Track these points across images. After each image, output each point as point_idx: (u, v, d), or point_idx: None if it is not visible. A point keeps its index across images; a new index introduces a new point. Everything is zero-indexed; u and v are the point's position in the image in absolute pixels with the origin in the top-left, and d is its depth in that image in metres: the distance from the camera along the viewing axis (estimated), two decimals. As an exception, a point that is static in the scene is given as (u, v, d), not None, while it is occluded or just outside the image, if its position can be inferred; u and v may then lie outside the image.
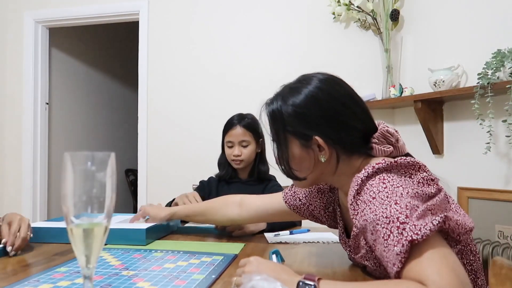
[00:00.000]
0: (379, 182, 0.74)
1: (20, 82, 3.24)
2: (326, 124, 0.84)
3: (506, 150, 1.98)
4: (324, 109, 0.84)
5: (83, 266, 0.54)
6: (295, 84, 0.90)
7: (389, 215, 0.68)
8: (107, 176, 0.53)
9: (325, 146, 0.83)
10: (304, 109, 0.85)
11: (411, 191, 0.71)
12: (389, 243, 0.66)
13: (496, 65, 1.84)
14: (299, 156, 0.86)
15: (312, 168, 0.86)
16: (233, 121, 1.72)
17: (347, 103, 0.86)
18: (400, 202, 0.69)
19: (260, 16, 2.88)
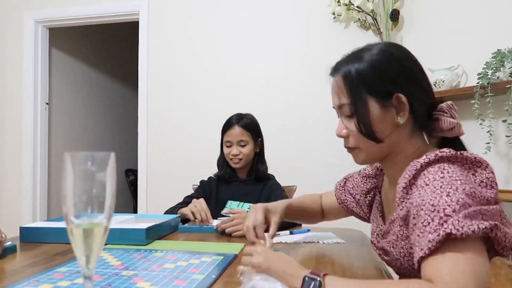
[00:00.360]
0: (437, 170, 0.70)
1: (20, 82, 3.24)
2: (407, 82, 0.81)
3: (506, 150, 1.98)
4: (403, 66, 0.82)
5: (83, 266, 0.54)
6: (364, 47, 0.86)
7: (436, 204, 0.66)
8: (107, 176, 0.53)
9: (406, 104, 0.80)
10: (384, 65, 0.81)
11: (468, 188, 0.67)
12: (426, 230, 0.65)
13: (496, 65, 1.84)
14: (378, 117, 0.81)
15: (390, 131, 0.82)
16: (231, 120, 1.73)
17: (421, 66, 0.85)
18: (452, 195, 0.66)
19: (260, 16, 2.88)
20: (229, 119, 1.75)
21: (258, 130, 1.78)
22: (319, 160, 2.72)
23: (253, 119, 1.78)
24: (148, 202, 3.02)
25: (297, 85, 2.80)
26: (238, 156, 1.69)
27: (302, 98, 2.78)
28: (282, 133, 2.80)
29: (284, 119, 2.80)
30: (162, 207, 2.88)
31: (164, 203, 2.92)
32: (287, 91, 2.81)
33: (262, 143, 1.79)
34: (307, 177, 2.67)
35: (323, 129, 2.72)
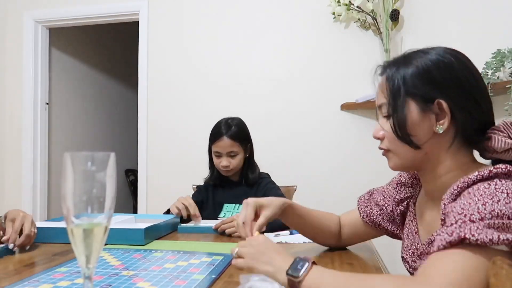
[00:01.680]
0: (488, 185, 0.66)
1: (20, 82, 3.24)
2: (454, 90, 0.75)
3: (506, 150, 1.98)
4: (454, 73, 0.76)
5: (83, 266, 0.54)
6: (422, 49, 0.82)
7: (467, 208, 0.63)
8: (107, 176, 0.53)
9: (448, 112, 0.75)
10: (431, 68, 0.77)
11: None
12: (447, 230, 0.63)
13: (496, 65, 1.85)
14: (415, 120, 0.77)
15: (426, 138, 0.77)
16: (220, 130, 1.67)
17: (479, 79, 0.78)
18: (489, 205, 0.62)
19: (260, 16, 2.88)
20: (218, 129, 1.69)
21: (246, 136, 1.74)
22: (320, 161, 2.72)
23: (241, 125, 1.73)
24: (148, 202, 3.02)
25: (297, 85, 2.79)
26: (228, 168, 1.66)
27: (302, 98, 2.78)
28: (282, 133, 2.80)
29: (284, 119, 2.80)
30: (162, 207, 2.88)
31: (164, 203, 2.91)
32: (287, 91, 2.81)
33: (251, 149, 1.76)
34: (307, 177, 2.67)
35: (324, 129, 2.72)
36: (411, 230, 0.90)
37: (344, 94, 2.64)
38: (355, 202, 1.09)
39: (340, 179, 2.65)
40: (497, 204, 0.62)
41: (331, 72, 2.72)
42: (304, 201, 2.05)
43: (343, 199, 1.87)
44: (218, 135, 1.67)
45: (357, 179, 2.60)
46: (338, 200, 2.08)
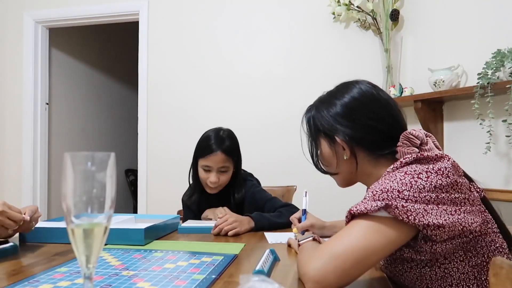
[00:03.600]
0: (397, 172, 0.78)
1: (20, 82, 3.24)
2: (343, 124, 0.91)
3: (506, 150, 1.98)
4: (343, 106, 0.92)
5: (83, 266, 0.54)
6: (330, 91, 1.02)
7: (370, 189, 0.78)
8: (107, 176, 0.53)
9: (344, 145, 0.91)
10: (323, 110, 0.96)
11: (408, 179, 0.75)
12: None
13: (496, 65, 1.84)
14: (327, 154, 0.96)
15: (339, 165, 0.94)
16: (212, 145, 1.54)
17: (366, 101, 0.92)
18: (384, 184, 0.76)
19: (260, 16, 2.88)
20: (209, 142, 1.55)
21: (238, 150, 1.62)
22: (319, 160, 2.71)
23: (233, 138, 1.61)
24: (148, 202, 3.02)
25: (297, 85, 2.80)
26: (215, 184, 1.55)
27: (302, 98, 2.77)
28: (282, 133, 2.80)
29: (284, 119, 2.80)
30: (162, 207, 2.89)
31: (164, 203, 2.93)
32: (287, 91, 2.81)
33: (240, 163, 1.64)
34: (307, 177, 2.67)
35: (323, 129, 2.72)
36: None
37: (344, 94, 2.64)
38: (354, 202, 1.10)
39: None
40: (392, 182, 0.75)
41: (331, 72, 2.72)
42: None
43: (343, 199, 1.86)
44: (210, 149, 1.53)
45: (357, 179, 2.60)
46: (338, 200, 2.08)
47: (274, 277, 0.86)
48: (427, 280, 0.81)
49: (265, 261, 0.88)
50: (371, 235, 0.73)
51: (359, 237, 0.73)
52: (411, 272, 0.82)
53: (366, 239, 0.72)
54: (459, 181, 0.78)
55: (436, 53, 2.36)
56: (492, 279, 0.53)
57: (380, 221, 0.73)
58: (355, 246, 0.72)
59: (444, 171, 0.76)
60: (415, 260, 0.80)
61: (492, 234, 0.81)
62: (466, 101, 2.06)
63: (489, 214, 0.83)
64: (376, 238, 0.72)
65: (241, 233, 1.36)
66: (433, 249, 0.76)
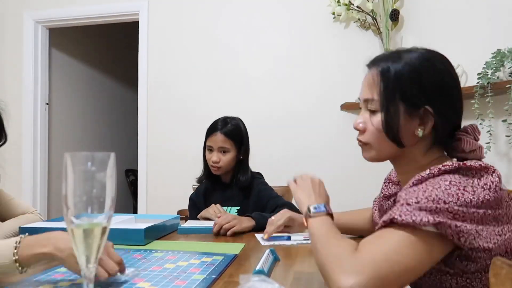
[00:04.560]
0: (439, 180, 0.72)
1: (20, 82, 3.24)
2: (440, 97, 0.80)
3: (506, 150, 1.98)
4: (441, 80, 0.80)
5: (83, 266, 0.54)
6: (407, 48, 0.85)
7: (409, 195, 0.70)
8: (107, 176, 0.53)
9: (431, 119, 0.79)
10: (422, 74, 0.80)
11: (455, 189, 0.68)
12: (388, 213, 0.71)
13: (496, 65, 1.85)
14: (402, 123, 0.81)
15: (407, 139, 0.82)
16: (216, 125, 1.70)
17: (458, 84, 0.83)
18: (428, 192, 0.68)
19: (260, 16, 2.88)
20: (214, 124, 1.72)
21: (241, 137, 1.72)
22: (320, 161, 2.72)
23: (238, 125, 1.72)
24: (148, 202, 3.02)
25: (297, 85, 2.79)
26: (217, 164, 1.66)
27: (302, 98, 2.78)
28: (282, 133, 2.80)
29: (284, 119, 2.80)
30: (162, 207, 2.89)
31: (164, 203, 2.93)
32: (287, 91, 2.81)
33: (246, 151, 1.74)
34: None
35: (324, 129, 2.72)
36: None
37: (344, 94, 2.64)
38: (355, 201, 1.11)
39: (340, 178, 2.64)
40: (436, 190, 0.68)
41: (331, 72, 2.72)
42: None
43: (343, 199, 1.86)
44: (213, 130, 1.69)
45: (356, 178, 2.60)
46: (338, 200, 2.08)
47: (274, 277, 0.86)
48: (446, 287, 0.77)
49: (265, 261, 0.88)
50: (415, 248, 0.66)
51: (403, 249, 0.65)
52: (431, 277, 0.78)
53: (415, 260, 0.65)
54: (502, 195, 0.72)
55: (436, 53, 2.36)
56: (492, 279, 0.53)
57: (427, 237, 0.66)
58: (403, 268, 0.64)
59: (492, 186, 0.70)
60: (440, 270, 0.75)
61: None
62: (466, 101, 2.06)
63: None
64: (421, 253, 0.66)
65: (241, 231, 1.35)
66: (467, 268, 0.71)
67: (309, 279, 0.85)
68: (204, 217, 1.61)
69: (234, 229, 1.34)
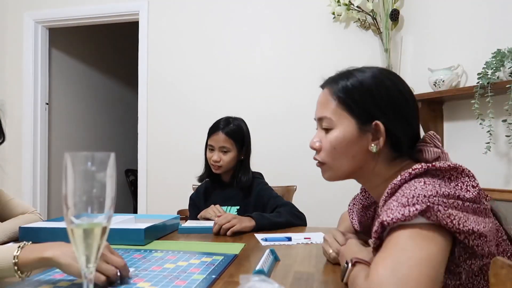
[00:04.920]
0: (413, 183, 0.71)
1: (20, 82, 3.24)
2: (389, 111, 0.80)
3: (506, 150, 1.98)
4: (390, 95, 0.82)
5: (83, 266, 0.54)
6: (358, 68, 0.87)
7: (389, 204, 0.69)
8: (107, 176, 0.53)
9: (383, 133, 0.79)
10: (372, 89, 0.81)
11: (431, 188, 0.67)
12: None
13: (496, 65, 1.84)
14: (352, 138, 0.81)
15: (361, 155, 0.82)
16: (218, 125, 1.71)
17: (410, 99, 0.84)
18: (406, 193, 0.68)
19: (260, 16, 2.88)
20: (216, 123, 1.73)
21: (243, 138, 1.73)
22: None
23: (240, 126, 1.74)
24: (148, 202, 3.02)
25: (297, 85, 2.80)
26: (218, 163, 1.67)
27: (302, 98, 2.78)
28: (282, 133, 2.80)
29: (284, 119, 2.80)
30: (162, 207, 2.89)
31: (164, 203, 2.93)
32: (287, 90, 2.81)
33: (247, 151, 1.75)
34: (307, 177, 2.67)
35: (323, 129, 2.72)
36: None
37: (344, 94, 2.64)
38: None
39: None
40: (413, 191, 0.67)
41: (331, 72, 2.71)
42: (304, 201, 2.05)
43: (342, 199, 1.86)
44: (214, 129, 1.71)
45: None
46: (338, 200, 2.08)
47: (274, 277, 0.86)
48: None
49: (265, 261, 0.88)
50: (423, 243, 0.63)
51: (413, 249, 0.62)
52: None
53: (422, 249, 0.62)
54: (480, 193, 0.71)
55: (436, 53, 2.36)
56: (492, 279, 0.53)
57: (421, 228, 0.64)
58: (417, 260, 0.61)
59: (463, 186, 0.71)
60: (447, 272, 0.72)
61: (503, 243, 0.77)
62: (466, 101, 2.06)
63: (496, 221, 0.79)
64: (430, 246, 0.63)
65: (241, 230, 1.35)
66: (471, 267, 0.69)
67: (309, 279, 0.85)
68: (204, 217, 1.61)
69: (234, 228, 1.33)
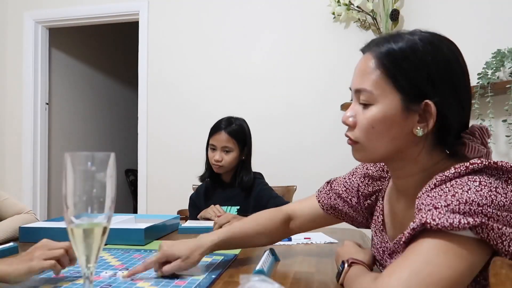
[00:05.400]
0: (467, 181, 0.61)
1: (20, 82, 3.24)
2: (446, 90, 0.67)
3: (506, 150, 1.98)
4: (451, 72, 0.68)
5: (83, 266, 0.54)
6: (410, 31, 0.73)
7: (436, 198, 0.61)
8: (107, 176, 0.53)
9: (434, 116, 0.67)
10: (428, 58, 0.68)
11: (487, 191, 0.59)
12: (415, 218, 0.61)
13: (496, 65, 1.85)
14: (397, 118, 0.69)
15: (403, 137, 0.70)
16: (220, 125, 1.72)
17: (467, 77, 0.71)
18: (458, 194, 0.59)
19: (260, 16, 2.88)
20: (218, 123, 1.74)
21: (245, 138, 1.74)
22: (320, 161, 2.72)
23: (242, 126, 1.75)
24: (148, 202, 3.02)
25: (297, 85, 2.80)
26: (219, 163, 1.68)
27: (302, 98, 2.78)
28: (282, 133, 2.80)
29: (284, 119, 2.80)
30: (162, 207, 2.89)
31: (164, 203, 2.93)
32: (287, 91, 2.81)
33: (249, 151, 1.76)
34: (307, 177, 2.67)
35: (324, 129, 2.72)
36: (378, 227, 0.85)
37: (344, 94, 2.64)
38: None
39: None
40: (467, 192, 0.59)
41: (331, 72, 2.72)
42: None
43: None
44: (216, 129, 1.71)
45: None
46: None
47: (274, 277, 0.86)
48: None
49: (265, 261, 0.88)
50: (456, 263, 0.56)
51: (440, 265, 0.56)
52: None
53: (451, 269, 0.56)
54: None
55: (436, 53, 2.36)
56: (492, 279, 0.52)
57: (463, 243, 0.57)
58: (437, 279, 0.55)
59: None
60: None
61: None
62: (466, 101, 2.06)
63: None
64: (461, 266, 0.57)
65: None
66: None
67: (309, 279, 0.85)
68: (204, 217, 1.61)
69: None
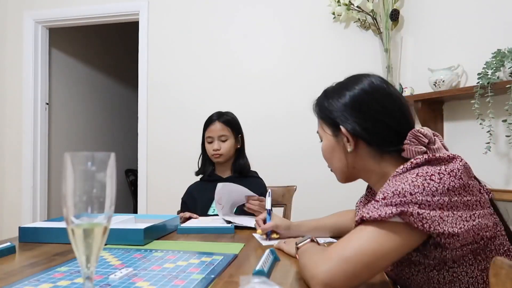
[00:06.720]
0: (407, 174, 0.77)
1: (20, 82, 3.24)
2: (351, 114, 0.88)
3: (506, 150, 1.98)
4: (354, 100, 0.89)
5: (83, 266, 0.54)
6: (341, 82, 0.97)
7: (380, 192, 0.76)
8: (107, 176, 0.53)
9: (349, 136, 0.88)
10: (330, 96, 0.93)
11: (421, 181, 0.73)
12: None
13: (496, 65, 1.84)
14: (330, 145, 0.93)
15: (341, 158, 0.92)
16: (212, 117, 1.81)
17: (378, 97, 0.89)
18: (395, 186, 0.74)
19: (260, 16, 2.88)
20: (210, 116, 1.82)
21: (238, 126, 1.84)
22: (319, 161, 2.71)
23: (233, 116, 1.85)
24: (148, 202, 3.02)
25: (297, 85, 2.80)
26: (219, 151, 1.75)
27: (302, 98, 2.77)
28: (282, 133, 2.80)
29: (284, 119, 2.80)
30: (162, 207, 2.89)
31: (164, 203, 2.93)
32: (287, 91, 2.81)
33: (242, 140, 1.85)
34: (307, 177, 2.67)
35: (323, 129, 2.72)
36: None
37: (344, 94, 2.64)
38: (353, 200, 1.11)
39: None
40: (403, 184, 0.73)
41: (331, 72, 2.72)
42: (303, 201, 2.04)
43: (342, 199, 1.87)
44: (210, 121, 1.80)
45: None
46: (338, 200, 2.08)
47: (274, 277, 0.86)
48: (434, 283, 0.79)
49: (265, 261, 0.88)
50: (382, 239, 0.72)
51: (370, 240, 0.72)
52: (418, 275, 0.81)
53: (377, 242, 0.71)
54: (470, 183, 0.77)
55: (436, 53, 2.36)
56: (492, 279, 0.53)
57: (392, 226, 0.72)
58: (365, 249, 0.71)
59: (457, 173, 0.75)
60: (423, 263, 0.79)
61: (500, 237, 0.80)
62: (466, 101, 2.06)
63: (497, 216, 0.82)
64: (387, 242, 0.71)
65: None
66: (442, 255, 0.75)
67: (309, 279, 0.85)
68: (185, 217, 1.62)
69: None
